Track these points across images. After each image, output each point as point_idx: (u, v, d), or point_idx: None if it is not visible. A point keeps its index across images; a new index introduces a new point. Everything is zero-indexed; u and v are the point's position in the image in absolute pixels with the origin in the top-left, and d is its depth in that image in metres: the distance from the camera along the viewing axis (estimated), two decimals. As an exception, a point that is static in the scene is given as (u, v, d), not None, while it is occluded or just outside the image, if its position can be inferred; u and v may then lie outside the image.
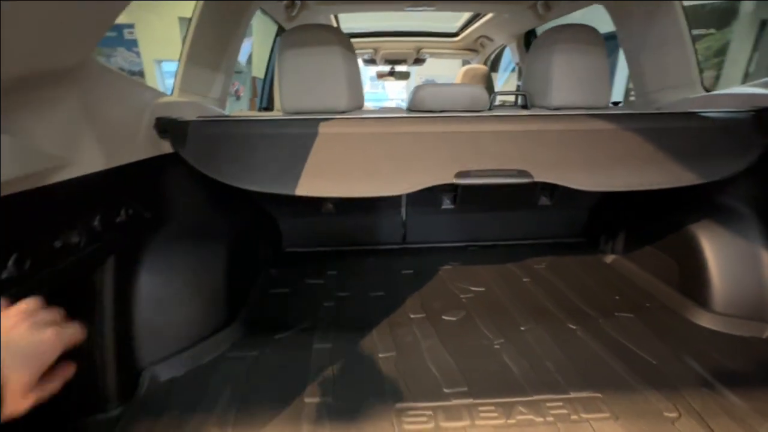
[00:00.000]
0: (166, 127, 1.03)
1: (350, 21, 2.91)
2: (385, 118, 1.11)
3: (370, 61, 3.63)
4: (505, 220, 1.81)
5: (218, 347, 1.13)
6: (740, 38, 4.76)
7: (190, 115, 1.14)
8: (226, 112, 1.58)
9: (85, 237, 0.79)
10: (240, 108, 5.79)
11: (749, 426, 0.85)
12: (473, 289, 1.46)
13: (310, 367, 1.06)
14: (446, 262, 1.67)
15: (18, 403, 0.43)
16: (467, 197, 1.69)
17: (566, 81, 1.40)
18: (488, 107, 1.46)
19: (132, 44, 6.58)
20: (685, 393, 0.94)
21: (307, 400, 0.95)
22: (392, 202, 1.80)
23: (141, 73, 6.65)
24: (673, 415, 0.89)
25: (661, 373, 1.01)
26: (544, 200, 1.73)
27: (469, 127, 1.09)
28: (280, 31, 2.48)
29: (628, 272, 1.55)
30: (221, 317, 1.18)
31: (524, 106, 1.59)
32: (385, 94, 8.93)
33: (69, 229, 0.76)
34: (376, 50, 3.34)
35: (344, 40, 1.41)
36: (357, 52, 3.41)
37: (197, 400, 0.95)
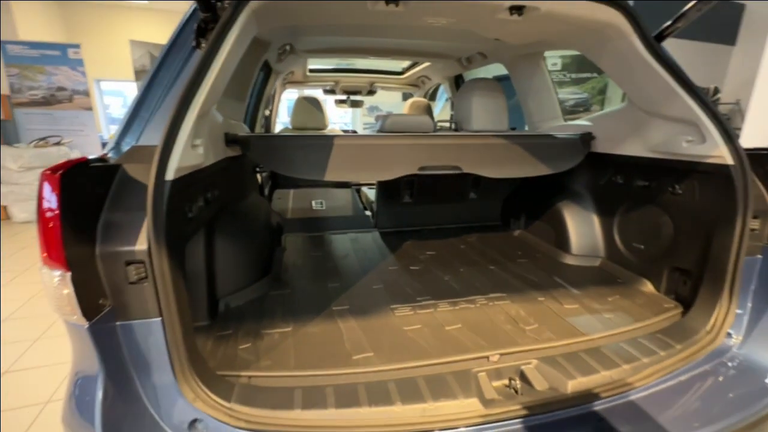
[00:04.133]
0: (234, 139, 1.57)
1: (318, 59, 3.55)
2: (376, 135, 1.76)
3: (330, 91, 4.29)
4: (447, 210, 2.53)
5: (262, 289, 1.64)
6: (615, 80, 6.18)
7: (239, 132, 1.68)
8: None
9: (204, 203, 1.31)
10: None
11: (581, 302, 1.58)
12: (428, 253, 2.12)
13: (330, 294, 1.62)
14: (407, 239, 2.32)
15: None
16: (421, 193, 2.37)
17: (480, 114, 2.16)
18: (433, 130, 2.17)
19: (77, 63, 6.50)
20: (551, 290, 1.67)
21: (334, 308, 1.51)
22: (364, 199, 2.41)
23: (86, 93, 6.59)
24: (542, 299, 1.60)
25: (539, 285, 1.74)
26: (472, 195, 2.48)
27: (426, 141, 1.77)
28: (265, 66, 3.04)
29: (527, 239, 2.32)
30: (260, 271, 1.69)
31: (456, 130, 2.34)
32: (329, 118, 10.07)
33: (202, 196, 1.28)
34: (336, 83, 4.01)
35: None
36: (321, 83, 4.08)
37: (260, 315, 1.46)
